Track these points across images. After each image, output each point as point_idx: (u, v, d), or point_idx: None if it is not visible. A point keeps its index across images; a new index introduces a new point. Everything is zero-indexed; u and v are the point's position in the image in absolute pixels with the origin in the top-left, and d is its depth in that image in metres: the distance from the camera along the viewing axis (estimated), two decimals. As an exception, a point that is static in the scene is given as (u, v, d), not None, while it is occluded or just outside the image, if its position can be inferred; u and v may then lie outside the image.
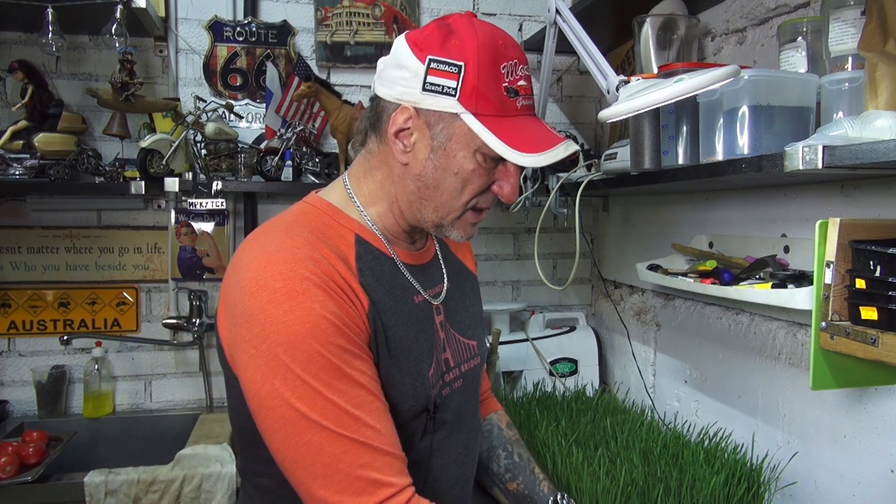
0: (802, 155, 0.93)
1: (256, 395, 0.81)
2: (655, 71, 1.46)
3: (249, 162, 1.94)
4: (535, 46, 2.09)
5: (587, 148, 2.05)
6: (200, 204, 2.05)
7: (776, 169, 0.99)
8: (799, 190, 1.33)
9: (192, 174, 1.90)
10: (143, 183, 1.77)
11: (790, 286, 1.16)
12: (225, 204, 2.07)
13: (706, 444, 1.45)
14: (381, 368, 0.89)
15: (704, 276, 1.39)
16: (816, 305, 1.00)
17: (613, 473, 1.29)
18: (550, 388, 1.98)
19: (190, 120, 1.87)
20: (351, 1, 2.10)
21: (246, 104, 2.06)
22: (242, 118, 2.06)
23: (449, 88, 0.86)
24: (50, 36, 1.65)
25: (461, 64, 0.85)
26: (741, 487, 1.26)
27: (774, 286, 1.19)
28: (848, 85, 1.03)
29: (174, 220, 2.03)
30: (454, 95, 0.86)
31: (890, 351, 0.90)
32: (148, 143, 1.79)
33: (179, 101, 1.95)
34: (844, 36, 1.05)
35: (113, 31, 1.67)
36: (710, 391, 1.63)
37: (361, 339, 0.86)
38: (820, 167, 0.91)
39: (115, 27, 1.67)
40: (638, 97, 1.06)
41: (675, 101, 1.03)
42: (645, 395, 1.91)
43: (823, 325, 0.99)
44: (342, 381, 0.80)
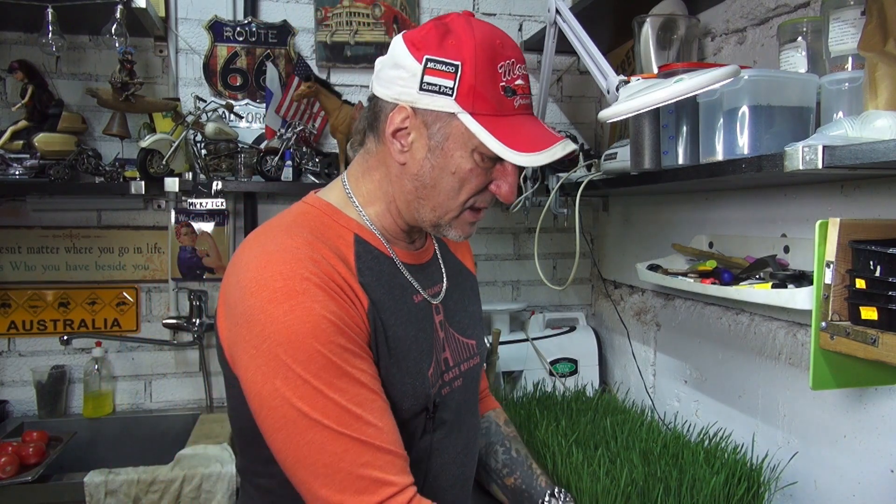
0: (802, 155, 0.93)
1: (257, 395, 0.81)
2: (655, 71, 1.46)
3: (249, 162, 1.94)
4: (535, 46, 2.09)
5: (587, 148, 2.05)
6: (200, 204, 2.05)
7: (776, 169, 0.99)
8: (799, 190, 1.33)
9: (192, 174, 1.90)
10: (143, 183, 1.77)
11: (790, 286, 1.16)
12: (225, 204, 2.07)
13: (706, 444, 1.45)
14: (380, 368, 0.89)
15: (704, 276, 1.39)
16: (816, 305, 1.00)
17: (613, 473, 1.29)
18: (550, 388, 1.98)
19: (190, 120, 1.87)
20: (351, 1, 2.10)
21: (246, 104, 2.06)
22: (242, 118, 2.06)
23: (446, 88, 0.86)
24: (50, 36, 1.65)
25: (458, 63, 0.85)
26: (741, 487, 1.26)
27: (774, 286, 1.19)
28: (848, 85, 1.03)
29: (174, 220, 2.03)
30: (451, 95, 0.86)
31: (890, 351, 0.90)
32: (148, 143, 1.79)
33: (179, 101, 1.95)
34: (844, 36, 1.05)
35: (113, 31, 1.67)
36: (710, 391, 1.63)
37: (361, 338, 0.86)
38: (820, 167, 0.91)
39: (115, 27, 1.67)
40: (638, 97, 1.06)
41: (675, 101, 1.03)
42: (645, 395, 1.91)
43: (823, 325, 1.00)
44: (343, 380, 0.81)
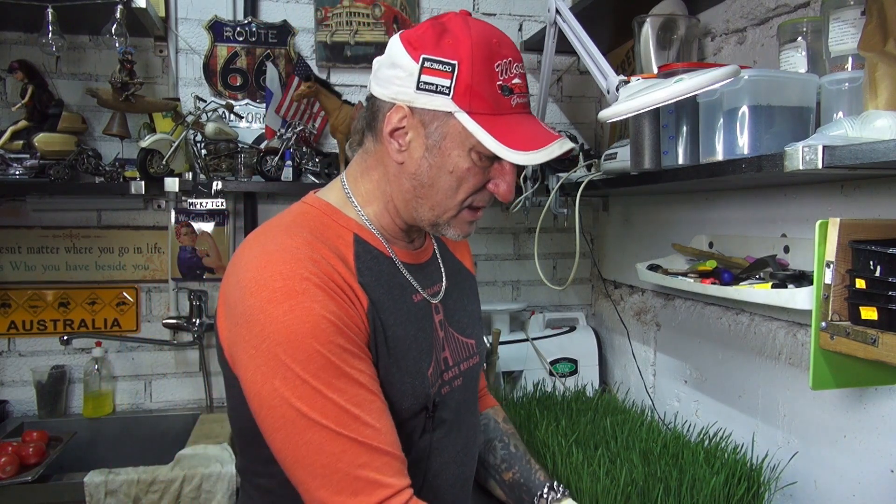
0: (802, 155, 0.93)
1: (257, 394, 0.81)
2: (655, 71, 1.46)
3: (249, 162, 1.94)
4: (535, 46, 2.09)
5: (587, 148, 2.05)
6: (200, 204, 2.05)
7: (776, 169, 0.99)
8: (799, 190, 1.33)
9: (192, 174, 1.90)
10: (143, 183, 1.77)
11: (790, 286, 1.16)
12: (225, 204, 2.07)
13: (706, 444, 1.45)
14: (380, 367, 0.89)
15: (704, 276, 1.39)
16: (816, 305, 1.00)
17: (613, 473, 1.29)
18: (550, 388, 1.98)
19: (190, 120, 1.87)
20: (351, 1, 2.10)
21: (246, 104, 2.06)
22: (242, 118, 2.06)
23: (443, 87, 0.86)
24: (50, 36, 1.65)
25: (455, 62, 0.85)
26: (741, 487, 1.26)
27: (774, 286, 1.19)
28: (848, 85, 1.03)
29: (174, 220, 2.03)
30: (448, 94, 0.86)
31: (890, 351, 0.90)
32: (148, 143, 1.79)
33: (179, 101, 1.95)
34: (844, 36, 1.05)
35: (113, 31, 1.67)
36: (710, 391, 1.63)
37: (361, 338, 0.86)
38: (820, 167, 0.91)
39: (115, 27, 1.67)
40: (638, 97, 1.06)
41: (675, 101, 1.04)
42: (645, 395, 1.91)
43: (823, 325, 1.00)
44: (342, 380, 0.81)
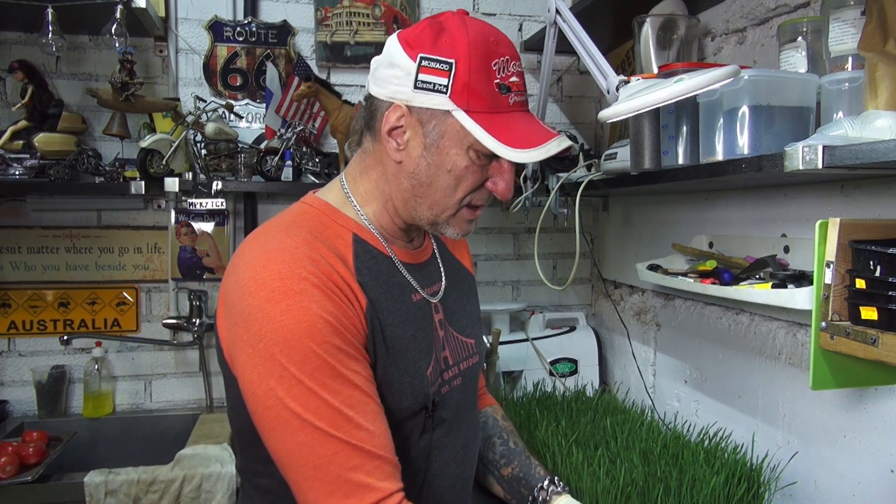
0: (802, 155, 0.93)
1: (253, 394, 0.82)
2: (655, 71, 1.46)
3: (249, 162, 1.94)
4: (535, 46, 2.09)
5: (587, 148, 2.05)
6: (200, 204, 2.05)
7: (776, 169, 0.99)
8: (799, 190, 1.33)
9: (192, 174, 1.90)
10: (143, 183, 1.77)
11: (790, 286, 1.16)
12: (225, 204, 2.07)
13: (706, 444, 1.45)
14: (378, 367, 0.89)
15: (704, 276, 1.39)
16: (816, 305, 1.00)
17: (613, 473, 1.29)
18: (550, 388, 1.98)
19: (190, 120, 1.87)
20: (351, 1, 2.10)
21: (246, 104, 2.06)
22: (242, 118, 2.06)
23: (440, 86, 0.86)
24: (50, 36, 1.65)
25: (452, 61, 0.85)
26: (741, 487, 1.26)
27: (774, 286, 1.19)
28: (848, 85, 1.03)
29: (174, 220, 2.03)
30: (445, 93, 0.86)
31: (890, 351, 0.90)
32: (148, 143, 1.79)
33: (179, 101, 1.95)
34: (844, 36, 1.05)
35: (113, 31, 1.67)
36: (710, 391, 1.63)
37: (358, 339, 0.86)
38: (820, 167, 0.91)
39: (115, 27, 1.67)
40: (638, 97, 1.06)
41: (675, 101, 1.04)
42: (645, 395, 1.91)
43: (823, 325, 0.99)
44: (337, 381, 0.80)
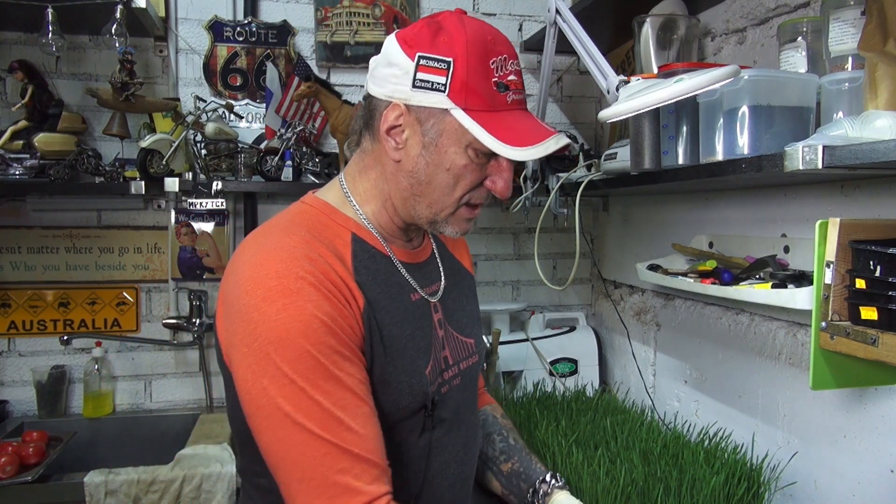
0: (802, 155, 0.93)
1: (247, 393, 0.82)
2: (655, 71, 1.46)
3: (249, 162, 1.94)
4: (535, 46, 2.09)
5: (587, 148, 2.05)
6: (200, 204, 2.05)
7: (776, 169, 0.99)
8: (799, 190, 1.33)
9: (192, 174, 1.90)
10: (143, 183, 1.77)
11: (790, 286, 1.16)
12: (225, 204, 2.07)
13: (706, 444, 1.45)
14: (376, 366, 0.89)
15: (704, 276, 1.39)
16: (816, 305, 1.00)
17: (613, 473, 1.29)
18: (550, 388, 1.98)
19: (190, 120, 1.87)
20: (351, 1, 2.10)
21: (246, 104, 2.06)
22: (242, 118, 2.06)
23: (438, 84, 0.86)
24: (50, 36, 1.65)
25: (450, 60, 0.85)
26: (741, 487, 1.26)
27: (774, 286, 1.19)
28: (848, 85, 1.03)
29: (174, 220, 2.03)
30: (444, 91, 0.86)
31: (890, 351, 0.90)
32: (148, 143, 1.79)
33: (179, 101, 1.95)
34: (844, 36, 1.05)
35: (113, 31, 1.67)
36: (710, 391, 1.63)
37: (354, 341, 0.85)
38: (820, 167, 0.91)
39: (115, 27, 1.67)
40: (638, 97, 1.06)
41: (675, 101, 1.04)
42: (645, 395, 1.91)
43: (823, 325, 0.99)
44: (330, 382, 0.80)
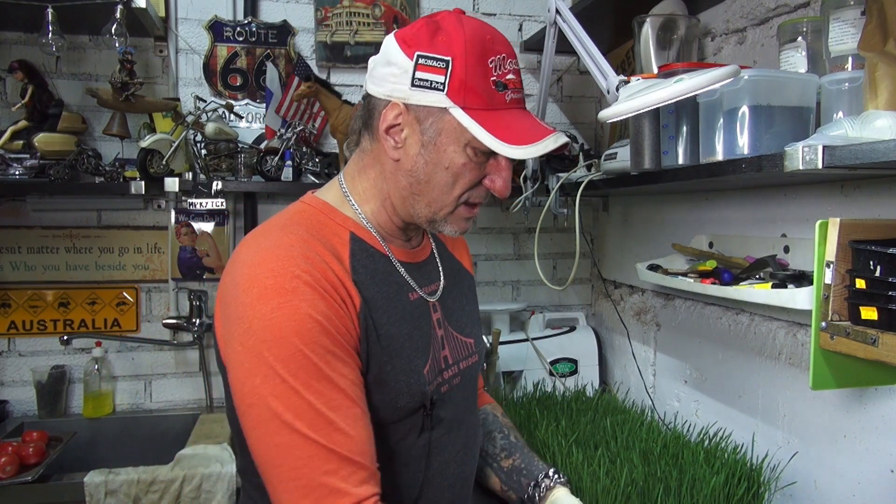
0: (802, 155, 0.93)
1: (239, 391, 0.82)
2: (655, 71, 1.46)
3: (249, 162, 1.94)
4: (535, 46, 2.09)
5: (587, 148, 2.05)
6: (200, 204, 2.05)
7: (776, 169, 0.99)
8: (799, 190, 1.33)
9: (192, 174, 1.90)
10: (143, 183, 1.77)
11: (790, 286, 1.16)
12: (225, 204, 2.07)
13: (706, 444, 1.45)
14: (373, 366, 0.89)
15: (704, 276, 1.39)
16: (816, 305, 1.00)
17: (613, 473, 1.29)
18: (550, 388, 1.98)
19: (190, 120, 1.87)
20: (351, 1, 2.10)
21: (246, 104, 2.06)
22: (242, 118, 2.06)
23: (437, 83, 0.86)
24: (50, 36, 1.65)
25: (448, 59, 0.86)
26: (741, 487, 1.26)
27: (774, 286, 1.19)
28: (848, 85, 1.03)
29: (174, 220, 2.03)
30: (442, 90, 0.86)
31: (890, 351, 0.90)
32: (148, 143, 1.79)
33: (179, 101, 1.95)
34: (844, 36, 1.05)
35: (113, 31, 1.67)
36: (710, 391, 1.63)
37: (349, 341, 0.85)
38: (820, 167, 0.91)
39: (115, 27, 1.67)
40: (638, 97, 1.06)
41: (675, 101, 1.04)
42: (645, 395, 1.91)
43: (823, 325, 0.99)
44: (322, 382, 0.80)
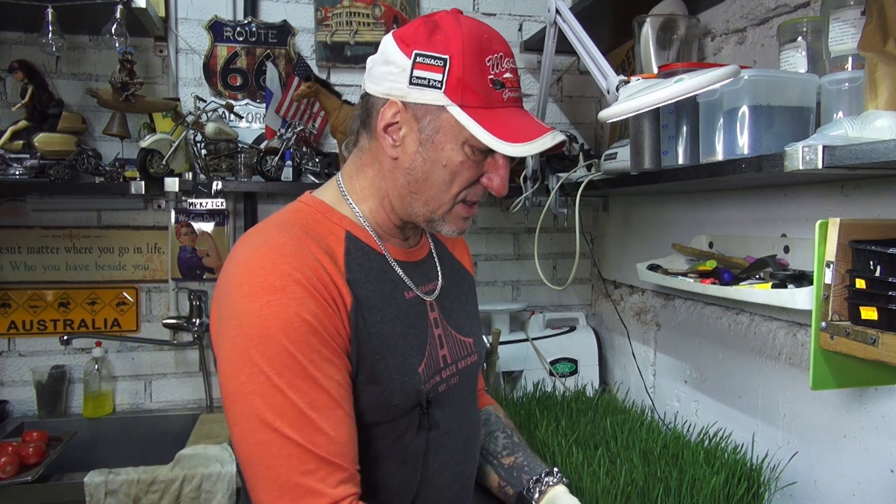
0: (802, 155, 0.93)
1: (225, 387, 0.82)
2: (655, 71, 1.46)
3: (249, 162, 1.94)
4: (535, 46, 2.09)
5: (587, 148, 2.05)
6: (200, 204, 2.05)
7: (776, 169, 0.99)
8: (799, 190, 1.33)
9: (192, 174, 1.90)
10: (143, 183, 1.77)
11: (790, 286, 1.16)
12: (225, 204, 2.07)
13: (706, 444, 1.45)
14: (366, 365, 0.88)
15: (704, 276, 1.39)
16: (816, 305, 1.00)
17: (613, 473, 1.29)
18: (550, 388, 1.98)
19: (190, 120, 1.87)
20: (351, 1, 2.10)
21: (246, 104, 2.06)
22: (242, 118, 2.06)
23: (435, 81, 0.87)
24: (50, 36, 1.65)
25: (446, 57, 0.86)
26: (741, 487, 1.26)
27: (774, 286, 1.19)
28: (848, 85, 1.03)
29: (174, 220, 2.03)
30: (440, 88, 0.87)
31: (890, 351, 0.90)
32: (148, 143, 1.79)
33: (179, 101, 1.95)
34: (844, 36, 1.05)
35: (113, 31, 1.67)
36: (710, 391, 1.63)
37: (338, 342, 0.85)
38: (820, 167, 0.91)
39: (115, 27, 1.67)
40: (638, 97, 1.06)
41: (675, 101, 1.04)
42: (645, 395, 1.91)
43: (823, 325, 0.99)
44: (306, 381, 0.80)
